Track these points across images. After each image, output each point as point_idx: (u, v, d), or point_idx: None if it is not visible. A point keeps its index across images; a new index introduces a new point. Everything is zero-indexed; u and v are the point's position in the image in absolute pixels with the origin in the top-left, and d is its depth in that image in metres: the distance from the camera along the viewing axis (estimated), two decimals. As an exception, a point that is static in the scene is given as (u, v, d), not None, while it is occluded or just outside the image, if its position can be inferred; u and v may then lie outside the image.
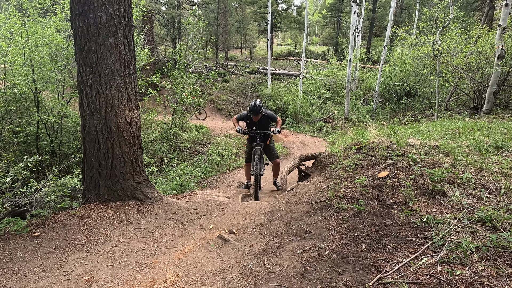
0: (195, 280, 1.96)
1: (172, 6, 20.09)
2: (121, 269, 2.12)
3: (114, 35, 2.79)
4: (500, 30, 6.94)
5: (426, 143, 3.36)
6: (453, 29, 10.72)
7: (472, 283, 1.50)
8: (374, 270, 1.76)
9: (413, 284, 1.59)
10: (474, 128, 4.21)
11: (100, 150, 2.93)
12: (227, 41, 26.10)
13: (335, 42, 30.10)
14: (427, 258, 1.74)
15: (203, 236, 2.66)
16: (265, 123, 4.75)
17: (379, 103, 13.73)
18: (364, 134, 4.87)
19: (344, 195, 2.74)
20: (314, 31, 43.77)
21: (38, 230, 2.57)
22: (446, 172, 2.53)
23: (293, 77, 20.36)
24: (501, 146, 3.00)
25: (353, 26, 12.60)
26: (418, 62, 12.50)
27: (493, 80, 7.16)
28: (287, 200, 3.33)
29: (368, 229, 2.18)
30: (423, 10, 13.20)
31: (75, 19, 2.74)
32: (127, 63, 2.92)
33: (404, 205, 2.32)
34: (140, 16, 8.85)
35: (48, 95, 6.85)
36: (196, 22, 10.65)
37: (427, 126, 5.34)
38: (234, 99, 17.88)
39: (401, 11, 24.55)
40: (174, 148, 9.11)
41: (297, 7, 30.79)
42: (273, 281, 1.80)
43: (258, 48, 31.84)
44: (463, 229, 1.88)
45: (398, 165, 2.89)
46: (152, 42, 15.94)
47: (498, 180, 2.32)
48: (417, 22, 17.25)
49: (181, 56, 9.58)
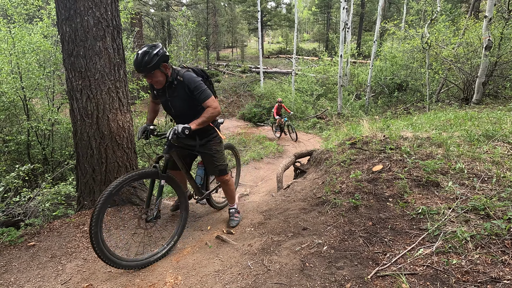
0: (195, 282, 1.96)
1: (160, 8, 19.94)
2: (119, 275, 2.11)
3: (103, 39, 2.75)
4: (487, 21, 7.04)
5: (418, 135, 3.40)
6: (441, 21, 10.84)
7: (468, 271, 1.53)
8: (372, 263, 1.78)
9: (410, 275, 1.61)
10: (465, 119, 4.27)
11: (93, 156, 2.90)
12: (218, 41, 26.02)
13: (325, 38, 30.23)
14: (423, 249, 1.77)
15: (201, 237, 2.65)
16: (186, 102, 2.38)
17: (372, 97, 13.84)
18: (358, 129, 4.91)
19: (340, 190, 2.76)
20: (305, 28, 43.89)
21: (33, 240, 2.53)
22: (439, 163, 2.56)
23: (285, 74, 20.40)
24: (492, 135, 3.05)
25: (343, 22, 12.66)
26: (408, 56, 12.63)
27: (481, 70, 7.27)
28: (283, 198, 3.34)
29: (365, 223, 2.20)
30: (411, 4, 13.33)
31: (62, 24, 2.69)
32: (117, 67, 2.89)
33: (399, 198, 2.35)
34: (129, 19, 8.76)
35: (38, 102, 6.74)
36: (186, 23, 10.61)
37: (419, 119, 5.40)
38: (227, 99, 17.85)
39: (389, 5, 24.76)
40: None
41: (286, 4, 30.85)
42: (272, 279, 1.80)
43: (249, 47, 31.81)
44: (458, 219, 1.91)
45: (392, 158, 2.92)
46: (142, 45, 15.79)
47: (490, 169, 2.36)
48: (405, 15, 17.42)
49: (172, 58, 9.51)
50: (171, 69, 2.32)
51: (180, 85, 2.32)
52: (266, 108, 16.11)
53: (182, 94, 2.35)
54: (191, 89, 2.31)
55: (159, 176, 2.28)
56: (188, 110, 2.42)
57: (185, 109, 2.42)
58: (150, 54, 2.15)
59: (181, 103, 2.40)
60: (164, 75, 2.29)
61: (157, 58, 2.17)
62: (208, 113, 2.32)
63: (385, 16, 19.96)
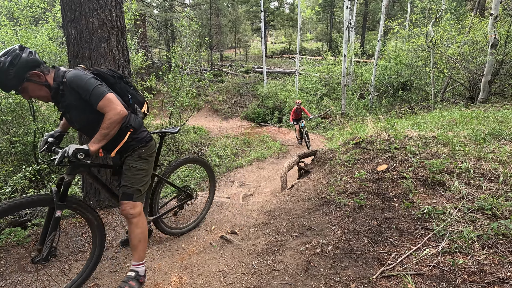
0: (200, 281, 1.96)
1: (164, 9, 20.04)
2: (125, 273, 2.12)
3: (107, 40, 2.78)
4: (492, 19, 6.96)
5: (423, 134, 3.37)
6: (445, 19, 10.74)
7: (474, 272, 1.51)
8: (377, 263, 1.77)
9: (416, 276, 1.60)
10: (471, 118, 4.23)
11: (98, 157, 2.92)
12: (221, 41, 26.05)
13: (329, 38, 30.12)
14: (429, 249, 1.75)
15: (206, 237, 2.66)
16: (83, 111, 1.81)
17: (376, 97, 13.76)
18: (362, 128, 4.88)
19: (344, 190, 2.75)
20: (308, 27, 43.77)
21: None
22: (444, 163, 2.54)
23: (289, 74, 20.37)
24: (498, 134, 3.02)
25: (346, 21, 12.61)
26: (413, 54, 12.53)
27: (487, 69, 7.19)
28: (288, 198, 3.34)
29: (370, 223, 2.19)
30: (416, 2, 13.23)
31: (67, 26, 2.72)
32: (121, 68, 2.91)
33: (405, 198, 2.34)
34: (133, 20, 8.82)
35: (44, 104, 6.82)
36: (189, 24, 10.63)
37: (424, 118, 5.36)
38: (231, 99, 17.88)
39: (393, 4, 24.58)
40: (172, 151, 9.10)
41: (289, 4, 30.77)
42: (277, 279, 1.80)
43: (252, 47, 31.82)
44: (464, 219, 1.90)
45: (396, 158, 2.90)
46: (146, 46, 15.90)
47: (496, 169, 2.34)
48: (409, 14, 17.28)
49: (176, 59, 9.56)
50: (52, 73, 1.72)
51: (67, 90, 1.72)
52: (270, 108, 16.11)
53: (73, 101, 1.74)
54: (79, 92, 1.71)
55: (55, 205, 1.71)
56: (92, 120, 1.79)
57: (87, 120, 1.81)
58: (2, 68, 1.54)
59: (77, 113, 1.79)
60: (43, 86, 1.68)
61: (16, 70, 1.56)
62: (107, 121, 1.70)
63: (389, 15, 19.85)
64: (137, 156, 1.96)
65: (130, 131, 1.89)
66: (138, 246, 1.89)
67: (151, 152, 2.05)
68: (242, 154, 9.58)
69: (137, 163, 1.95)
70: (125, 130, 1.88)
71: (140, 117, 2.02)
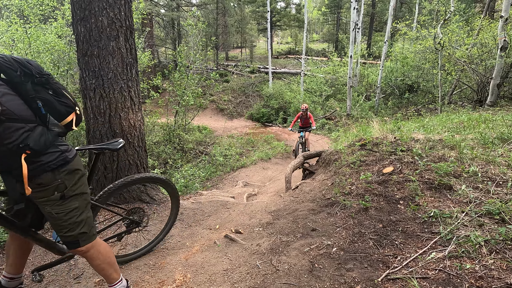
0: (204, 280, 1.97)
1: (171, 8, 20.14)
2: (130, 271, 2.14)
3: (116, 39, 2.80)
4: (503, 21, 6.87)
5: (430, 137, 3.34)
6: (454, 21, 10.63)
7: (481, 277, 1.50)
8: (382, 266, 1.76)
9: (422, 279, 1.58)
10: (479, 121, 4.17)
11: (105, 154, 2.95)
12: (227, 41, 26.13)
13: (335, 38, 29.99)
14: (435, 252, 1.74)
15: (210, 236, 2.67)
16: None
17: (382, 98, 13.67)
18: (368, 130, 4.86)
19: (350, 192, 2.74)
20: (314, 28, 43.65)
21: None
22: (451, 166, 2.51)
23: (294, 75, 20.35)
24: (507, 138, 2.98)
25: (353, 22, 12.55)
26: (420, 56, 12.42)
27: (496, 72, 7.09)
28: (292, 198, 3.33)
29: (375, 225, 2.18)
30: (424, 4, 13.10)
31: (77, 24, 2.75)
32: (129, 66, 2.94)
33: (411, 200, 2.32)
34: (140, 19, 8.89)
35: (52, 101, 6.90)
36: (196, 23, 10.67)
37: (431, 121, 5.31)
38: (236, 99, 17.91)
39: (401, 5, 24.40)
40: (177, 149, 9.14)
41: (296, 5, 30.72)
42: (281, 279, 1.80)
43: (258, 47, 31.83)
44: (471, 223, 1.87)
45: (403, 160, 2.88)
46: (152, 45, 16.00)
47: (505, 173, 2.31)
48: (417, 16, 17.13)
49: (182, 58, 9.61)
50: None
51: None
52: (275, 109, 16.09)
53: None
54: None
55: None
56: None
57: None
58: None
59: None
60: None
61: None
62: None
63: (396, 16, 19.70)
64: (56, 198, 1.42)
65: (27, 153, 1.31)
66: (105, 271, 1.66)
67: (78, 179, 1.50)
68: (247, 154, 9.59)
69: (60, 207, 1.44)
70: (16, 153, 1.29)
71: (53, 133, 1.45)
